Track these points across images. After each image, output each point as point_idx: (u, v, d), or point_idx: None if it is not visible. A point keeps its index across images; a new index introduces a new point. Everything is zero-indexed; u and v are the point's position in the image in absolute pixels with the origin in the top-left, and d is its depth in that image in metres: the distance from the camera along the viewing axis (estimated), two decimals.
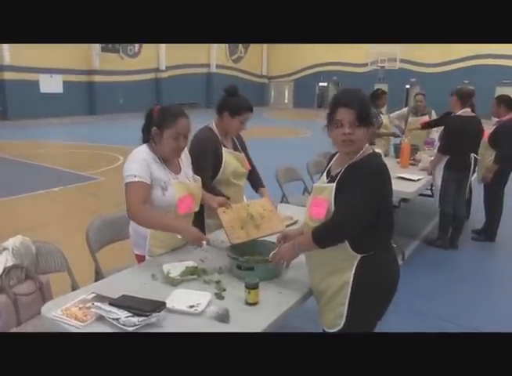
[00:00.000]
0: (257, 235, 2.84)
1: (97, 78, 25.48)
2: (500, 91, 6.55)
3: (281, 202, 4.99)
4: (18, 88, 22.01)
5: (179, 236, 2.74)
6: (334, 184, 2.23)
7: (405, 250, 5.64)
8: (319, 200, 2.28)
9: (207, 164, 3.33)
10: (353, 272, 2.23)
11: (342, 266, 2.25)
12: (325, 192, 2.26)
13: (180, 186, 2.81)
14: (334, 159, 2.42)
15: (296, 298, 2.35)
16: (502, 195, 6.04)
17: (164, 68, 29.26)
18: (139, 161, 2.70)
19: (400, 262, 5.25)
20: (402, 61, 28.85)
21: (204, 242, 2.69)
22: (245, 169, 3.62)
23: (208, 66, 32.70)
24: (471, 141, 5.50)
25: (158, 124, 2.73)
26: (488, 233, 6.15)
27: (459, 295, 4.63)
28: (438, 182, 5.63)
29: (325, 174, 2.41)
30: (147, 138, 2.83)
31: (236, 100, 3.39)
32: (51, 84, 23.74)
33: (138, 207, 2.64)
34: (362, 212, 2.15)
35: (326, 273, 2.31)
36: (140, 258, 2.87)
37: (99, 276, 3.01)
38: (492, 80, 26.06)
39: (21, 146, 14.47)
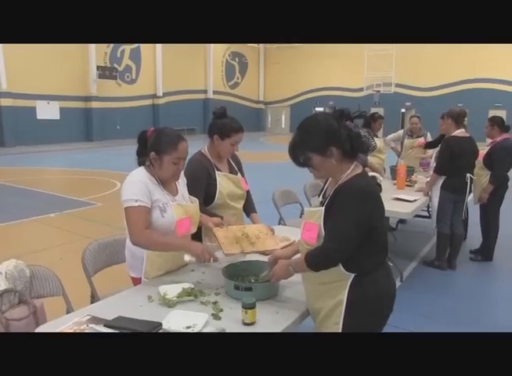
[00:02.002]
0: (252, 250, 2.83)
1: (94, 104, 25.60)
2: (493, 114, 6.68)
3: (279, 224, 4.98)
4: (14, 115, 22.07)
5: (186, 257, 2.71)
6: (323, 208, 2.23)
7: (404, 271, 5.64)
8: (310, 225, 2.29)
9: (198, 189, 3.30)
10: (347, 291, 2.22)
11: (336, 285, 2.24)
12: (315, 216, 2.27)
13: (178, 209, 2.81)
14: (329, 180, 2.42)
15: (293, 317, 2.33)
16: (498, 215, 6.05)
17: (161, 94, 29.45)
18: (138, 184, 2.68)
19: (398, 283, 5.26)
20: (398, 85, 29.13)
21: (211, 258, 2.65)
22: (242, 191, 3.61)
23: (205, 92, 32.92)
24: (467, 161, 5.54)
25: (156, 150, 2.71)
26: (485, 252, 6.14)
27: (459, 315, 4.59)
28: (435, 202, 5.65)
29: (321, 195, 2.42)
30: (143, 161, 2.82)
31: (224, 123, 3.38)
32: (48, 111, 23.80)
33: (140, 233, 2.64)
34: (351, 238, 2.14)
35: (321, 292, 2.30)
36: (136, 281, 2.85)
37: (94, 300, 2.97)
38: (485, 103, 26.32)
39: (17, 172, 14.46)
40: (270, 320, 2.27)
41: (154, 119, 28.47)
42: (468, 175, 5.50)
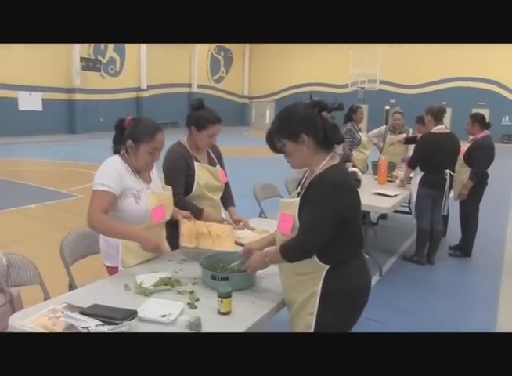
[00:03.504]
0: (207, 247, 2.90)
1: (77, 97, 25.34)
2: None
3: (259, 217, 5.00)
4: None
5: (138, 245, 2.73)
6: (298, 199, 2.25)
7: (383, 266, 5.69)
8: (286, 216, 2.31)
9: (178, 179, 3.33)
10: (321, 282, 2.24)
11: (311, 276, 2.27)
12: (290, 207, 2.29)
13: (153, 196, 2.82)
14: (307, 172, 2.44)
15: (269, 307, 2.35)
16: (477, 211, 6.13)
17: (145, 87, 29.28)
18: (110, 171, 2.70)
19: (377, 277, 5.31)
20: (382, 82, 29.24)
21: (164, 250, 2.79)
22: (220, 182, 3.61)
23: (189, 85, 32.80)
24: (447, 157, 5.58)
25: (133, 138, 2.72)
26: (464, 248, 6.22)
27: (437, 310, 4.65)
28: (415, 198, 5.70)
29: (299, 187, 2.44)
30: (118, 149, 2.83)
31: (201, 114, 3.38)
32: (30, 102, 23.53)
33: (97, 215, 2.61)
34: (323, 229, 2.17)
35: (296, 283, 2.32)
36: (112, 270, 2.84)
37: (72, 289, 2.96)
38: (469, 102, 26.55)
39: None
40: (246, 310, 2.28)
41: (138, 112, 28.21)
42: (447, 171, 5.55)
